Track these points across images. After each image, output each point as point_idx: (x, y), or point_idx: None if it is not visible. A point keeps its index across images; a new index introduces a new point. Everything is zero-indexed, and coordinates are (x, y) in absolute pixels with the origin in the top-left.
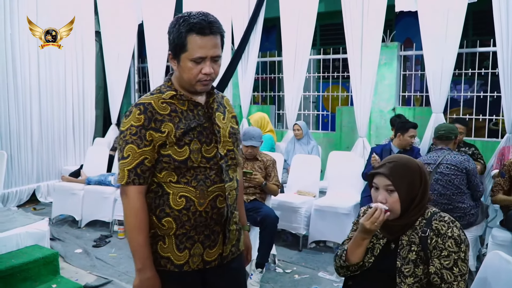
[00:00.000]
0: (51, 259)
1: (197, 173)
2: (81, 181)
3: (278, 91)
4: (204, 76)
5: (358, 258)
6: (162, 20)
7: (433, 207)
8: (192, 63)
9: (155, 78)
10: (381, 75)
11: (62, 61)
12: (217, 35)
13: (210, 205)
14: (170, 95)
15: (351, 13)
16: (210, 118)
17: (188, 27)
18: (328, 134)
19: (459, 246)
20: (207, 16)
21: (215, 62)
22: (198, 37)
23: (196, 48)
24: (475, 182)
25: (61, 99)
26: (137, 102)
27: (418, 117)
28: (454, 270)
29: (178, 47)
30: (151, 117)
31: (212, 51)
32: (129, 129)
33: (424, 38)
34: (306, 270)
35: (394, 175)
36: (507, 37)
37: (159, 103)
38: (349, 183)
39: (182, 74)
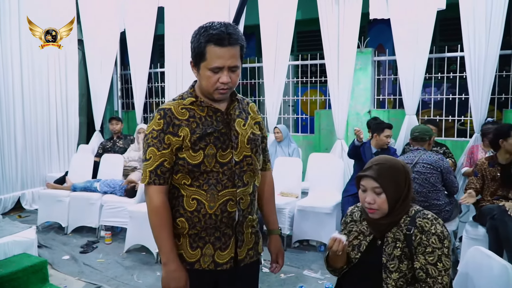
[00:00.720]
0: (40, 267)
1: (209, 177)
2: (67, 188)
3: (258, 96)
4: (221, 85)
5: (341, 263)
6: (144, 28)
7: (416, 205)
8: (210, 72)
9: (137, 85)
10: (356, 80)
11: (45, 69)
12: (236, 46)
13: (220, 208)
14: (190, 101)
15: (328, 21)
16: (229, 124)
17: (207, 37)
18: (307, 136)
19: (443, 242)
20: (227, 27)
21: (233, 72)
22: (217, 47)
23: (214, 58)
24: (450, 179)
25: (45, 107)
26: (160, 107)
27: (392, 119)
28: (438, 265)
29: (198, 56)
30: (170, 122)
31: (229, 62)
32: (151, 132)
33: (396, 44)
34: (291, 269)
35: (382, 177)
36: (474, 43)
37: (178, 109)
38: (329, 183)
39: (201, 82)
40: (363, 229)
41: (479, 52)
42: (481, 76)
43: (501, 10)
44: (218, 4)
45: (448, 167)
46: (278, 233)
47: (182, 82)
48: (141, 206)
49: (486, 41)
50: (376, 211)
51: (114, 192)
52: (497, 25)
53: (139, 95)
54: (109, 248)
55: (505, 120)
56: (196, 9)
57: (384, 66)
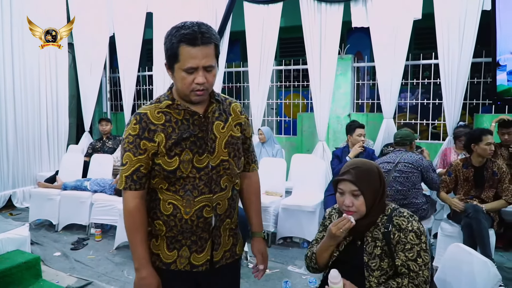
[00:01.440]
0: (33, 263)
1: (185, 183)
2: (57, 187)
3: (243, 99)
4: (197, 86)
5: (325, 260)
6: (133, 32)
7: (391, 203)
8: (185, 73)
9: (126, 87)
10: (337, 84)
11: (36, 71)
12: (210, 45)
13: (196, 214)
14: (166, 104)
15: (310, 28)
16: (207, 127)
17: (179, 37)
18: (290, 138)
19: (420, 238)
20: (199, 26)
21: (209, 72)
22: (190, 47)
23: (188, 59)
24: (431, 176)
25: (36, 108)
26: (136, 111)
27: (370, 122)
28: (418, 261)
29: (172, 58)
30: (145, 127)
31: (203, 61)
32: (127, 137)
33: (375, 51)
34: (276, 264)
35: (359, 180)
36: (448, 51)
37: (154, 113)
38: (312, 183)
39: (177, 84)
40: None
41: (453, 60)
42: (454, 82)
43: (474, 21)
44: (205, 10)
45: (427, 165)
46: (261, 236)
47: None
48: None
49: (459, 50)
50: (354, 213)
51: (104, 191)
52: (469, 35)
53: (128, 97)
54: (99, 245)
55: (476, 124)
56: (184, 16)
57: (363, 72)
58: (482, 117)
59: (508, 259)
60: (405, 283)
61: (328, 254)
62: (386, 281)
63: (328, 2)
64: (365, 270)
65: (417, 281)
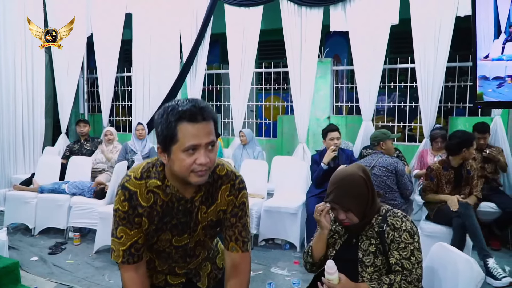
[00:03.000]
0: (12, 269)
1: (161, 253)
2: (34, 190)
3: (223, 101)
4: (199, 167)
5: (320, 252)
6: (111, 32)
7: (386, 204)
8: (185, 154)
9: (104, 89)
10: (317, 87)
11: (11, 71)
12: (210, 120)
13: (168, 269)
14: (155, 184)
15: (291, 32)
16: (191, 213)
17: (178, 115)
18: (270, 140)
19: (413, 237)
20: (196, 102)
21: (210, 150)
22: (190, 124)
23: (189, 137)
24: (403, 181)
25: (11, 108)
26: (124, 183)
27: (350, 125)
28: (412, 259)
29: (168, 139)
30: (134, 208)
31: (206, 138)
32: (118, 212)
33: (354, 55)
34: (259, 266)
35: (343, 200)
36: (424, 55)
37: (144, 193)
38: (293, 185)
39: (173, 167)
40: (338, 229)
41: (428, 64)
42: (430, 86)
43: (449, 26)
44: (185, 12)
45: (402, 169)
46: None
47: (150, 86)
48: (110, 207)
49: (435, 54)
50: (350, 223)
51: (82, 194)
52: (445, 40)
53: (106, 98)
54: (78, 249)
55: (451, 126)
56: (164, 17)
57: (341, 75)
58: (457, 120)
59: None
60: (398, 280)
61: (322, 245)
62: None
63: (308, 5)
64: (359, 265)
65: (410, 278)
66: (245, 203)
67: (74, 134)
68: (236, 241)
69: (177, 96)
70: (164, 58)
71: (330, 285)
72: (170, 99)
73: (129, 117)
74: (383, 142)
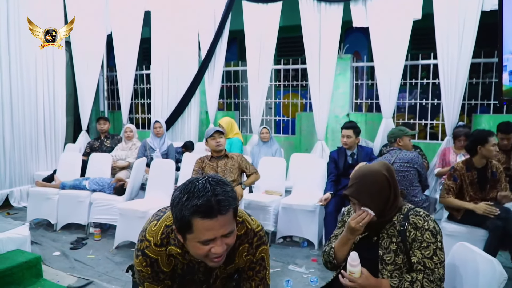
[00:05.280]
0: (34, 263)
1: None
2: (55, 186)
3: (241, 98)
4: (214, 255)
5: (344, 255)
6: (130, 31)
7: (408, 203)
8: (200, 244)
9: (124, 86)
10: (336, 84)
11: (33, 70)
12: (228, 212)
13: None
14: (174, 252)
15: (310, 28)
16: (210, 273)
17: (192, 210)
18: (288, 137)
19: (436, 236)
20: (213, 192)
21: (228, 237)
22: (205, 220)
23: (203, 231)
24: (425, 175)
25: (33, 106)
26: (144, 249)
27: (369, 122)
28: (434, 259)
29: (183, 228)
30: (157, 272)
31: (222, 231)
32: (141, 272)
33: (375, 52)
34: (276, 264)
35: (360, 195)
36: (447, 51)
37: (165, 260)
38: (311, 182)
39: (189, 249)
40: None
41: (452, 60)
42: (454, 82)
43: (473, 21)
44: (203, 10)
45: (422, 163)
46: None
47: (168, 84)
48: (130, 204)
49: (459, 50)
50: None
51: (103, 190)
52: (469, 35)
53: (125, 96)
54: (99, 244)
55: (475, 124)
56: (182, 15)
57: (361, 71)
58: (481, 117)
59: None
60: (420, 278)
61: (347, 248)
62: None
63: (327, 1)
64: (379, 263)
65: (432, 277)
66: (264, 258)
67: (94, 131)
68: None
69: (195, 94)
70: (182, 56)
71: (352, 278)
72: (189, 96)
73: (148, 115)
74: (399, 138)
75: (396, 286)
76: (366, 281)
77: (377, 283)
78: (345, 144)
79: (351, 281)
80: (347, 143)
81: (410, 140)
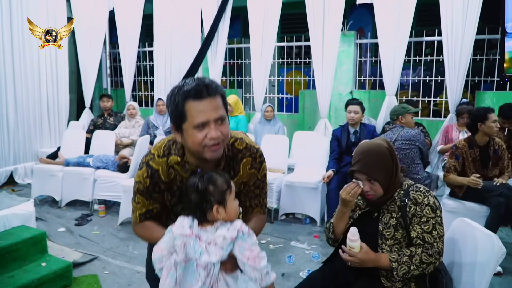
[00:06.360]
0: (39, 239)
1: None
2: (59, 163)
3: (244, 76)
4: (210, 141)
5: (341, 229)
6: (133, 7)
7: (408, 179)
8: (196, 130)
9: (126, 63)
10: (339, 61)
11: (35, 47)
12: (217, 96)
13: None
14: (175, 161)
15: (313, 4)
16: None
17: (183, 95)
18: (291, 115)
19: (435, 211)
20: (201, 80)
21: (221, 124)
22: (196, 102)
23: (197, 114)
24: (426, 153)
25: (36, 84)
26: (148, 161)
27: (372, 99)
28: (433, 233)
29: (178, 118)
30: (156, 184)
31: (214, 114)
32: (139, 184)
33: (379, 28)
34: (279, 240)
35: (370, 169)
36: (451, 28)
37: (165, 170)
38: (314, 160)
39: (187, 144)
40: (360, 202)
41: (456, 36)
42: (457, 59)
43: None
44: None
45: (423, 140)
46: None
47: (171, 61)
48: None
49: (463, 26)
50: (373, 196)
51: (107, 167)
52: (473, 11)
53: (128, 73)
54: (103, 221)
55: (478, 101)
56: None
57: (365, 48)
58: (484, 94)
59: (507, 234)
60: (419, 252)
61: (344, 222)
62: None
63: None
64: (379, 238)
65: (431, 251)
66: (266, 174)
67: (98, 108)
68: (261, 207)
69: (198, 71)
70: (185, 33)
71: (351, 253)
72: (191, 73)
73: (151, 92)
74: (402, 116)
75: (395, 260)
76: (365, 255)
77: (377, 257)
78: (352, 119)
79: (351, 255)
80: (354, 118)
81: (412, 117)
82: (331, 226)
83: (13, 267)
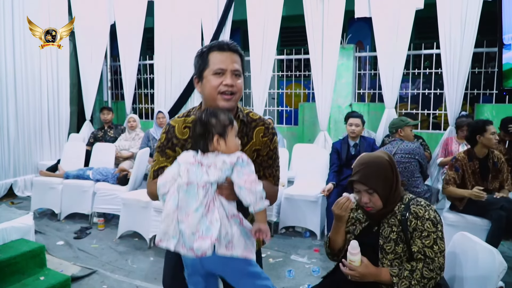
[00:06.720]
0: (37, 252)
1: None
2: (59, 176)
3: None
4: (225, 87)
5: (338, 244)
6: (134, 21)
7: (409, 193)
8: (214, 76)
9: (127, 76)
10: (339, 74)
11: (37, 60)
12: (236, 53)
13: None
14: (191, 120)
15: (312, 18)
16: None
17: (209, 47)
18: (291, 128)
19: (436, 226)
20: (226, 40)
21: (237, 77)
22: (218, 53)
23: (217, 62)
24: (426, 166)
25: (37, 96)
26: (170, 121)
27: (372, 112)
28: (434, 248)
29: (201, 66)
30: (170, 139)
31: (232, 65)
32: (158, 141)
33: (377, 42)
34: (278, 254)
35: (370, 180)
36: (449, 41)
37: (181, 128)
38: (314, 173)
39: (205, 92)
40: (359, 216)
41: (454, 49)
42: (456, 72)
43: (475, 11)
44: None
45: (423, 154)
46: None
47: (172, 73)
48: (133, 194)
49: (461, 40)
50: (372, 208)
51: (106, 180)
52: (471, 25)
53: (129, 86)
54: (102, 234)
55: (477, 114)
56: (185, 4)
57: (364, 61)
58: (483, 107)
59: (509, 248)
60: (420, 267)
61: (341, 236)
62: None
63: None
64: (379, 252)
65: (432, 266)
66: (277, 148)
67: (98, 121)
68: (274, 178)
69: None
70: (185, 46)
71: (351, 266)
72: (192, 86)
73: (152, 105)
74: (401, 129)
75: (396, 274)
76: (366, 269)
77: (377, 272)
78: (353, 132)
79: (351, 269)
80: (355, 131)
81: (411, 130)
82: (328, 241)
83: (11, 281)
